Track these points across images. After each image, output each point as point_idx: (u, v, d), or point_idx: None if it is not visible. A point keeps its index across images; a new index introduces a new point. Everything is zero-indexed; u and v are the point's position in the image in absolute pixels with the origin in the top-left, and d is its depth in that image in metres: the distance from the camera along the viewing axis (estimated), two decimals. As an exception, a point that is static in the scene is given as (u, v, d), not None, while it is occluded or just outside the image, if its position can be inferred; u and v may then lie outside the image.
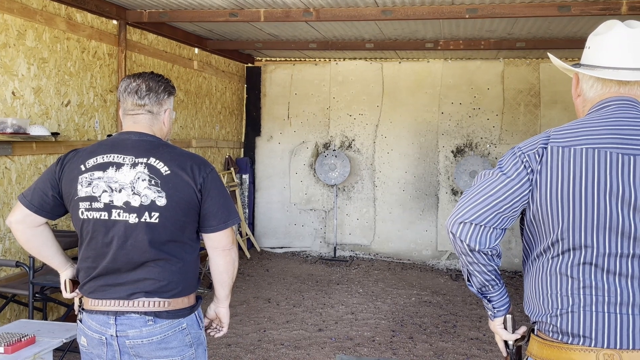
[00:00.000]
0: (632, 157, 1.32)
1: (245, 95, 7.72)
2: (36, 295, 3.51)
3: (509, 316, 1.57)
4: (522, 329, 1.59)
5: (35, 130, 3.76)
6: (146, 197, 1.73)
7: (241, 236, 7.10)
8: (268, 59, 7.63)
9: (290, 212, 7.53)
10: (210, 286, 6.03)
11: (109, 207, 1.74)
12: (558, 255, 1.39)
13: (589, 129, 1.39)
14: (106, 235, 1.75)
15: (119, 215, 1.74)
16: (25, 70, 3.85)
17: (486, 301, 1.56)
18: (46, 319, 3.85)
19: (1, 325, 3.27)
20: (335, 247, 7.19)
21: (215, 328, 2.01)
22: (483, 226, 1.41)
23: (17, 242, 3.84)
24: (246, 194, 7.49)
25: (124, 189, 1.74)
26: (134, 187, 1.74)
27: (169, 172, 1.76)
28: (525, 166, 1.40)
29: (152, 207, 1.73)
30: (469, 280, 1.54)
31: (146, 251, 1.74)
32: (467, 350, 4.15)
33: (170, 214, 1.75)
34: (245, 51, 7.20)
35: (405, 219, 7.22)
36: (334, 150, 7.22)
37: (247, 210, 7.49)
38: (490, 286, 1.52)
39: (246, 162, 7.51)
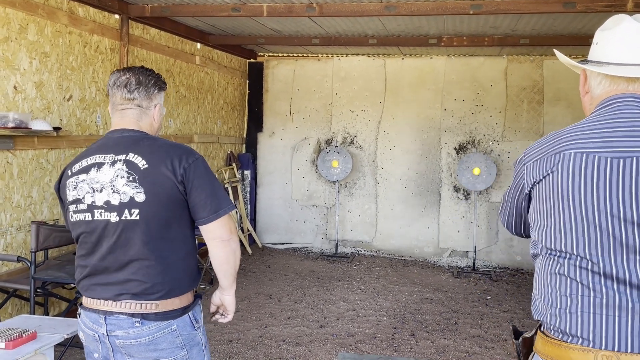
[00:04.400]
0: (633, 160, 1.28)
1: (247, 91, 7.70)
2: (37, 290, 3.51)
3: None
4: None
5: (37, 125, 3.75)
6: (125, 195, 1.70)
7: (243, 232, 7.10)
8: (270, 54, 7.60)
9: (291, 208, 7.51)
10: (211, 282, 6.04)
11: (91, 208, 1.75)
12: (556, 256, 1.38)
13: (584, 132, 1.36)
14: (92, 235, 1.76)
15: (100, 215, 1.73)
16: (27, 64, 3.83)
17: None
18: (47, 314, 3.85)
19: (2, 321, 3.27)
20: (336, 244, 7.18)
21: (222, 314, 1.97)
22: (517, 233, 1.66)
23: (18, 236, 3.84)
24: (248, 189, 7.48)
25: (104, 188, 1.73)
26: (114, 186, 1.72)
27: (146, 166, 1.71)
28: (522, 177, 1.47)
29: (131, 204, 1.70)
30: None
31: (131, 249, 1.71)
32: (468, 348, 4.14)
33: (150, 209, 1.69)
34: (247, 46, 7.17)
35: (407, 216, 7.21)
36: (336, 146, 7.20)
37: (248, 206, 7.48)
38: None
39: (248, 158, 7.49)
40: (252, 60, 7.62)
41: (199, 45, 6.29)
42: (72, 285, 3.87)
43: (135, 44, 5.07)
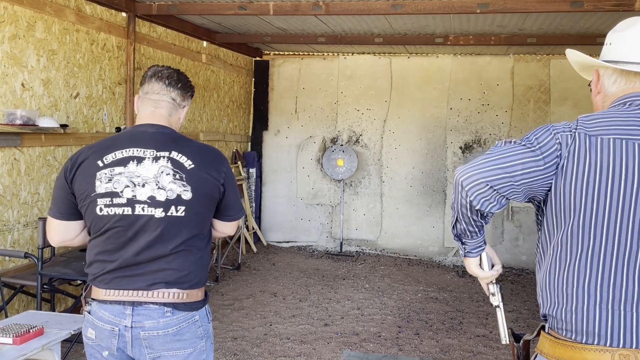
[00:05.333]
0: None
1: (253, 89, 7.71)
2: (44, 286, 3.53)
3: (484, 255, 1.58)
4: (497, 267, 1.60)
5: (44, 122, 3.76)
6: (172, 192, 1.74)
7: (248, 230, 7.11)
8: (276, 52, 7.60)
9: (296, 206, 7.52)
10: (216, 280, 6.05)
11: (132, 202, 1.73)
12: (577, 248, 1.35)
13: (616, 119, 1.36)
14: (129, 229, 1.73)
15: (143, 210, 1.73)
16: (34, 61, 3.85)
17: (460, 243, 1.58)
18: (54, 310, 3.87)
19: (10, 316, 3.28)
20: (341, 242, 7.18)
21: None
22: (495, 191, 1.37)
23: (25, 232, 3.86)
24: (253, 187, 7.49)
25: (147, 183, 1.74)
26: (158, 182, 1.74)
27: (192, 166, 1.77)
28: (557, 148, 1.35)
29: (178, 201, 1.74)
30: (453, 225, 1.54)
31: (170, 244, 1.75)
32: (473, 347, 4.13)
33: (195, 207, 1.77)
34: (253, 45, 7.18)
35: (412, 215, 7.20)
36: (342, 145, 7.20)
37: (253, 204, 7.49)
38: (470, 236, 1.53)
39: (253, 156, 7.50)
40: (258, 58, 7.62)
41: (205, 43, 6.30)
42: (79, 282, 3.89)
43: (142, 42, 5.09)
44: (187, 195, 1.75)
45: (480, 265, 1.58)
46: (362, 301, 5.19)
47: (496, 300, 1.61)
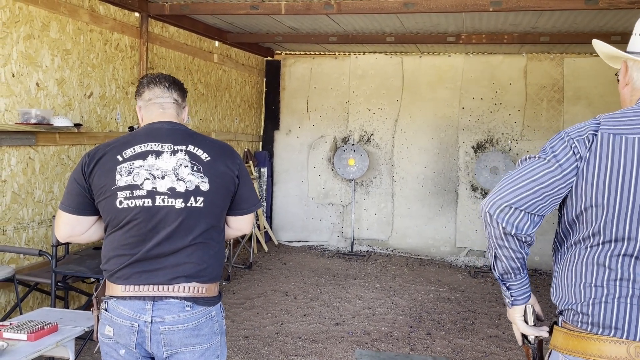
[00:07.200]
0: None
1: (264, 89, 7.72)
2: (58, 283, 3.56)
3: (529, 307, 1.52)
4: (544, 328, 1.54)
5: (59, 121, 3.80)
6: (191, 183, 1.79)
7: (259, 229, 7.12)
8: (288, 52, 7.61)
9: (308, 206, 7.52)
10: (228, 278, 6.06)
11: (152, 194, 1.76)
12: (598, 245, 1.35)
13: None
14: (150, 221, 1.76)
15: (163, 201, 1.76)
16: (49, 61, 3.89)
17: (505, 288, 1.54)
18: (68, 308, 3.91)
19: (24, 313, 3.32)
20: (352, 242, 7.17)
21: None
22: (523, 211, 1.37)
23: (39, 231, 3.90)
24: (264, 187, 7.51)
25: (167, 175, 1.78)
26: (177, 174, 1.78)
27: (209, 158, 1.83)
28: (574, 152, 1.35)
29: (197, 192, 1.79)
30: (493, 265, 1.52)
31: (190, 235, 1.77)
32: (485, 348, 4.10)
33: (212, 198, 1.81)
34: (265, 44, 7.20)
35: (423, 215, 7.17)
36: (353, 144, 7.19)
37: (265, 204, 7.50)
38: (512, 274, 1.49)
39: (264, 156, 7.52)
40: (269, 58, 7.64)
41: (217, 43, 6.32)
42: (92, 280, 3.92)
43: (155, 42, 5.12)
44: (205, 186, 1.79)
45: (524, 317, 1.53)
46: (373, 301, 5.17)
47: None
